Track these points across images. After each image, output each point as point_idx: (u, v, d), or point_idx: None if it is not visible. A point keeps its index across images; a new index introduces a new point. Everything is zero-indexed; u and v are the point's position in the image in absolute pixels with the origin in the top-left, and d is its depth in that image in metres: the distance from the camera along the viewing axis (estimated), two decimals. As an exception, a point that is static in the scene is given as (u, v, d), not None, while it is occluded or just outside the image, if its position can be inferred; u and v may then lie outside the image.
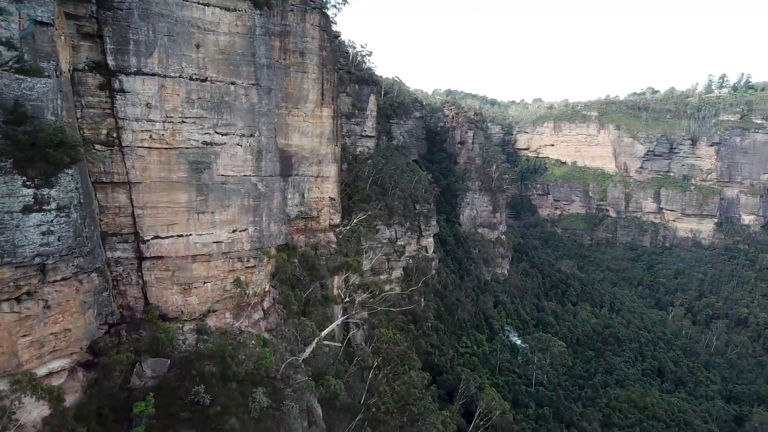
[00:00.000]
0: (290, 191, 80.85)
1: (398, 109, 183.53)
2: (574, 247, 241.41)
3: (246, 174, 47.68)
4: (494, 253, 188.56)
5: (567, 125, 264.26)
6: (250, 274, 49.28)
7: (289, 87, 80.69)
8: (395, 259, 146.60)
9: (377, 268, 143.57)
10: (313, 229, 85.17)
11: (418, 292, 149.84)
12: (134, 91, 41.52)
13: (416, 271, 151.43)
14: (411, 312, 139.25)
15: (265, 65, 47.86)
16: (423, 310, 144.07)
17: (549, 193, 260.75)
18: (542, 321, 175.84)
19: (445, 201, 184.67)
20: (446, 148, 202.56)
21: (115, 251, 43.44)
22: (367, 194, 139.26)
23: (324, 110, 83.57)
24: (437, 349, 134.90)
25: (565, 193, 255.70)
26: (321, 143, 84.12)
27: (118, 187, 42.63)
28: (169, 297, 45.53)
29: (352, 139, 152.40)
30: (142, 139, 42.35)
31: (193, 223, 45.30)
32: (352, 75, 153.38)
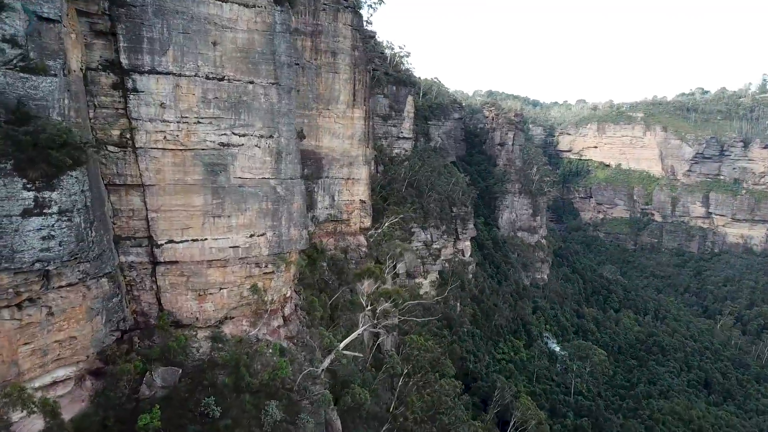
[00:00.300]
0: (320, 194, 79.10)
1: (436, 111, 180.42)
2: (617, 252, 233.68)
3: (264, 176, 45.66)
4: (534, 258, 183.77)
5: (611, 127, 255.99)
6: (268, 280, 47.26)
7: (320, 87, 78.96)
8: (430, 262, 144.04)
9: (412, 271, 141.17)
10: (343, 232, 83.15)
11: (453, 296, 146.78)
12: (148, 91, 39.93)
13: (452, 275, 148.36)
14: (446, 317, 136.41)
15: (286, 63, 45.74)
16: (459, 314, 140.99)
17: (592, 197, 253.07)
18: (582, 328, 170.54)
19: (484, 204, 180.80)
20: (485, 149, 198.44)
21: (129, 255, 41.97)
22: (403, 196, 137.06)
23: (355, 111, 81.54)
24: (472, 355, 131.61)
25: (609, 197, 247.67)
26: (352, 145, 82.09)
27: (131, 189, 41.14)
28: (184, 303, 43.84)
29: (388, 141, 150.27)
30: (156, 140, 40.74)
31: (209, 227, 43.49)
32: (389, 76, 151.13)
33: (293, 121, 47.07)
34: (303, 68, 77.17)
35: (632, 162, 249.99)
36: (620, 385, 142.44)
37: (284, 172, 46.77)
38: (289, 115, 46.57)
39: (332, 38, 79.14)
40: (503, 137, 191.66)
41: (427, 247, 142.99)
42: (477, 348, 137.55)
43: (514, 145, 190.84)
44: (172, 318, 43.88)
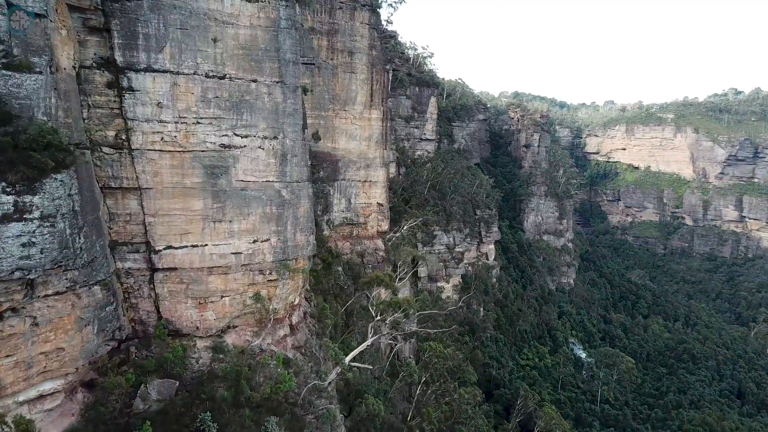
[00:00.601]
0: (336, 196, 76.82)
1: (460, 112, 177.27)
2: (646, 256, 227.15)
3: (268, 179, 43.28)
4: (560, 262, 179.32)
5: (640, 128, 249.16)
6: (273, 288, 44.85)
7: (336, 88, 76.65)
8: (453, 266, 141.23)
9: (434, 275, 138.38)
10: (360, 235, 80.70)
11: (476, 300, 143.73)
12: (144, 90, 37.84)
13: (475, 279, 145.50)
14: (469, 321, 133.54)
15: (291, 61, 43.28)
16: (482, 319, 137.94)
17: (620, 199, 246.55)
18: (609, 334, 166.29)
19: (508, 206, 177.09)
20: (510, 151, 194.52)
21: (126, 262, 39.93)
22: (425, 198, 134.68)
23: (373, 112, 79.05)
24: (496, 361, 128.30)
25: (638, 200, 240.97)
26: (369, 147, 79.64)
27: (128, 192, 39.10)
28: (183, 312, 41.67)
29: (410, 143, 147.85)
30: (152, 141, 38.64)
31: (209, 232, 41.25)
32: (412, 77, 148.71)
33: (299, 121, 44.56)
34: (319, 68, 74.97)
35: (662, 164, 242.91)
36: (649, 394, 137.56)
37: (290, 174, 44.33)
38: (295, 116, 44.08)
39: (349, 37, 76.75)
40: (529, 139, 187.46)
41: (449, 251, 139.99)
42: (500, 354, 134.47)
43: (540, 147, 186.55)
44: (171, 327, 41.77)
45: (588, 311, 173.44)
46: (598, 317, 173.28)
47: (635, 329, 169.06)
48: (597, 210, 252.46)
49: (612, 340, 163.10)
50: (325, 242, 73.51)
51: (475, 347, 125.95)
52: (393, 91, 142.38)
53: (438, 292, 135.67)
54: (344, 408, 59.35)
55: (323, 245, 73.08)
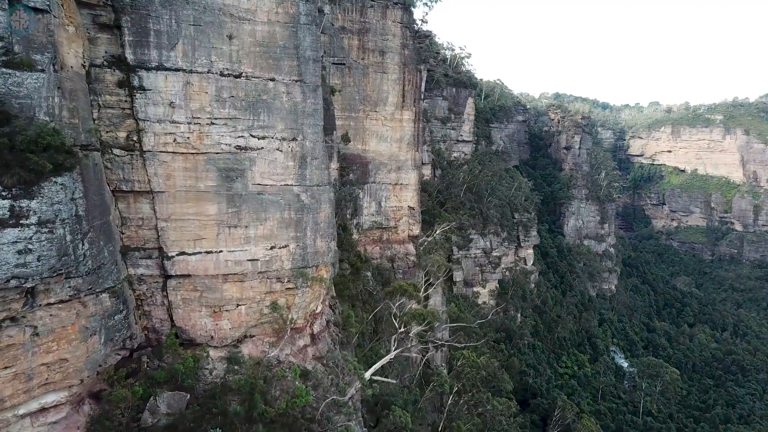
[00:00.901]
0: (366, 199, 74.46)
1: (499, 113, 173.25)
2: (693, 262, 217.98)
3: (287, 183, 40.99)
4: (601, 267, 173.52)
5: (687, 130, 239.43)
6: (291, 297, 42.54)
7: (367, 88, 74.29)
8: (490, 270, 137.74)
9: (470, 279, 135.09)
10: (390, 240, 78.09)
11: (514, 306, 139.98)
12: (155, 89, 35.98)
13: (513, 285, 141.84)
14: (505, 328, 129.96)
15: (311, 59, 40.91)
16: (519, 326, 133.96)
17: (665, 203, 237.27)
18: (653, 343, 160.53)
19: (548, 210, 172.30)
20: (550, 153, 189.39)
21: (138, 268, 38.18)
22: (461, 201, 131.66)
23: (405, 113, 76.43)
24: (533, 369, 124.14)
25: (683, 204, 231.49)
26: (400, 149, 77.02)
27: (140, 196, 37.32)
28: (197, 320, 39.71)
29: (447, 144, 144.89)
30: (165, 142, 36.76)
31: (224, 238, 39.18)
32: (449, 78, 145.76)
33: (320, 122, 42.14)
34: (349, 68, 72.77)
35: (710, 167, 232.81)
36: (694, 407, 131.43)
37: (309, 178, 41.95)
38: (315, 116, 41.68)
39: (380, 36, 74.30)
40: (569, 141, 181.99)
41: (486, 255, 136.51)
42: (538, 361, 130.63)
43: (581, 149, 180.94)
44: (185, 336, 39.86)
45: (630, 319, 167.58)
46: (640, 325, 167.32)
47: (680, 338, 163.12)
48: (640, 214, 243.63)
49: (655, 350, 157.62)
50: (354, 246, 71.17)
51: (511, 354, 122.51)
52: (429, 92, 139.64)
53: (473, 298, 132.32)
54: (371, 419, 56.81)
55: (352, 249, 70.82)
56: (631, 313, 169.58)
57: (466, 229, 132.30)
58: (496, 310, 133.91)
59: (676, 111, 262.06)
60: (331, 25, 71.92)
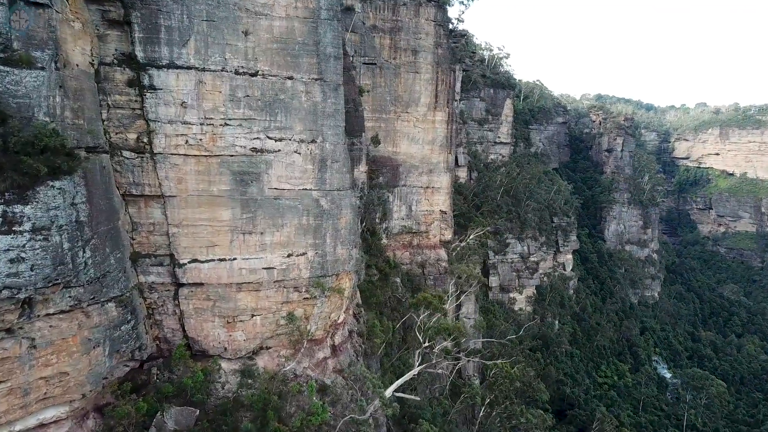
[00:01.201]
0: (396, 203, 71.61)
1: (538, 114, 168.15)
2: (741, 269, 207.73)
3: (305, 187, 38.52)
4: (643, 274, 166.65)
5: (736, 132, 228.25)
6: (310, 307, 40.07)
7: (398, 89, 71.34)
8: (527, 276, 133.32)
9: (506, 285, 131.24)
10: (421, 245, 75.03)
11: (551, 313, 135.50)
12: (167, 88, 33.94)
13: (551, 291, 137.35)
14: (542, 335, 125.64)
15: (332, 56, 38.32)
16: (557, 333, 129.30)
17: (711, 208, 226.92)
18: (698, 353, 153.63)
19: (588, 214, 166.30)
20: (591, 156, 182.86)
21: (149, 275, 36.23)
22: (497, 205, 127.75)
23: (437, 114, 73.22)
24: (570, 379, 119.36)
25: (732, 208, 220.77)
26: (432, 151, 73.80)
27: (151, 200, 35.35)
28: (210, 331, 37.57)
29: (483, 146, 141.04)
30: (176, 144, 34.70)
31: (238, 245, 36.93)
32: (486, 78, 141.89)
33: (341, 123, 39.54)
34: (380, 68, 70.02)
35: (760, 171, 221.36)
36: (742, 421, 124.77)
37: (329, 182, 39.39)
38: (336, 117, 39.10)
39: (413, 35, 71.29)
40: (611, 143, 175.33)
41: (523, 260, 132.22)
42: (576, 370, 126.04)
43: (624, 152, 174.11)
44: (197, 347, 37.78)
45: (674, 328, 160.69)
46: (685, 334, 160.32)
47: (727, 349, 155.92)
48: (686, 219, 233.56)
49: (700, 360, 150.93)
50: (383, 251, 68.38)
51: (548, 363, 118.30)
52: (466, 93, 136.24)
53: (510, 304, 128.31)
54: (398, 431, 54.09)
55: (381, 254, 68.06)
56: (674, 322, 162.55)
57: (503, 233, 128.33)
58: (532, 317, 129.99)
59: (724, 112, 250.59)
60: (362, 23, 69.36)
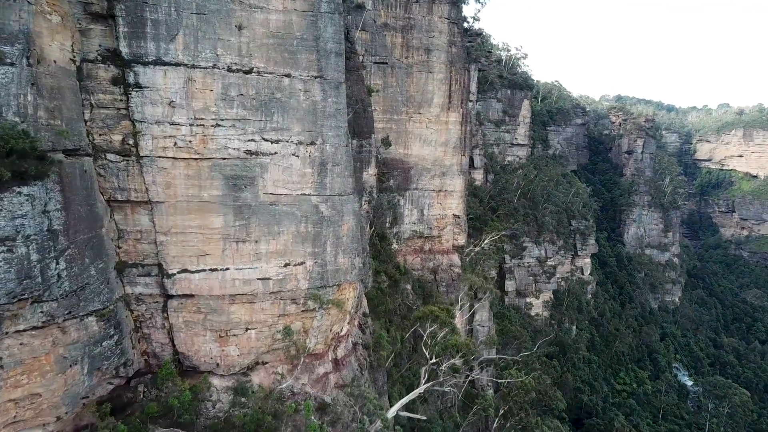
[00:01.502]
0: (407, 207, 68.67)
1: (556, 116, 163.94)
2: (765, 273, 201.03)
3: (304, 192, 35.67)
4: (663, 278, 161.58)
5: (761, 133, 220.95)
6: (309, 320, 37.27)
7: (410, 89, 68.39)
8: (544, 280, 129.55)
9: (522, 289, 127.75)
10: (433, 250, 71.96)
11: (569, 318, 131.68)
12: (153, 86, 31.32)
13: (568, 295, 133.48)
14: (559, 341, 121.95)
15: (333, 52, 35.45)
16: (574, 339, 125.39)
17: (734, 211, 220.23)
18: (720, 360, 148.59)
19: (607, 217, 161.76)
20: (611, 158, 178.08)
21: (136, 286, 33.66)
22: (514, 207, 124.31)
23: (450, 115, 70.15)
24: (588, 386, 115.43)
25: (755, 211, 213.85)
26: (445, 153, 70.76)
27: (137, 206, 32.77)
28: (201, 345, 34.92)
29: (500, 148, 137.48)
30: (164, 147, 32.07)
31: (231, 254, 34.22)
32: (503, 79, 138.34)
33: (343, 124, 36.66)
34: (392, 67, 67.15)
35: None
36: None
37: (330, 187, 36.51)
38: (338, 117, 36.23)
39: (426, 33, 68.29)
40: (631, 144, 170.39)
41: (540, 264, 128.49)
42: (594, 377, 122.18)
43: (644, 153, 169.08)
44: (188, 363, 35.17)
45: (695, 334, 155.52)
46: (706, 341, 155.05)
47: (750, 356, 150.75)
48: (707, 222, 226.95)
49: (723, 368, 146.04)
50: (393, 257, 65.49)
51: (565, 370, 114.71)
52: (482, 94, 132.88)
53: (526, 309, 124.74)
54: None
55: (390, 260, 65.19)
56: (696, 328, 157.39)
57: (520, 236, 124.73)
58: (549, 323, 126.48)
59: (748, 113, 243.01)
60: (373, 21, 66.53)
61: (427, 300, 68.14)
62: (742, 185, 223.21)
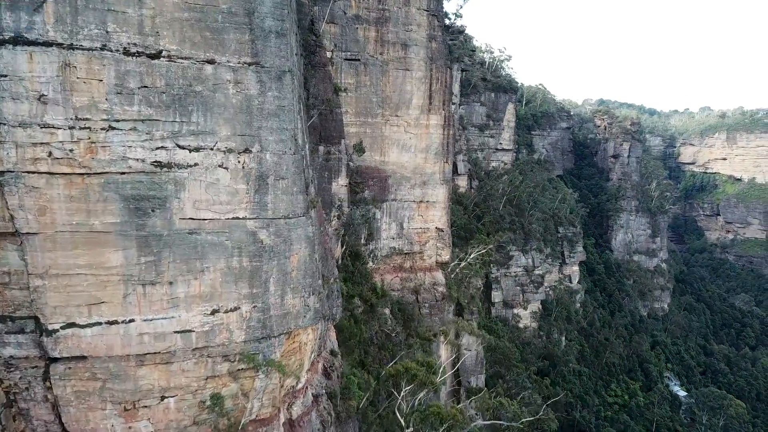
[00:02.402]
0: (384, 220, 59.52)
1: (541, 119, 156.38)
2: (751, 278, 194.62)
3: (237, 216, 26.31)
4: (652, 285, 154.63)
5: (744, 136, 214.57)
6: (249, 380, 27.87)
7: (386, 88, 59.16)
8: (531, 290, 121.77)
9: (510, 300, 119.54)
10: (415, 267, 62.86)
11: (558, 329, 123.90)
12: (14, 73, 21.89)
13: (557, 305, 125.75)
14: (548, 354, 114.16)
15: (274, 32, 26.14)
16: (563, 351, 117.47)
17: (719, 214, 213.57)
18: (711, 368, 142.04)
19: (594, 223, 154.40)
20: (596, 162, 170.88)
21: (5, 347, 24.13)
22: (500, 215, 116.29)
23: (432, 117, 61.12)
24: (579, 400, 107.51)
25: (740, 214, 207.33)
26: (426, 160, 61.69)
27: (2, 240, 23.34)
28: (100, 422, 25.39)
29: (484, 153, 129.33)
30: (34, 158, 22.60)
31: (136, 300, 24.76)
32: (487, 82, 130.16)
33: (290, 125, 27.25)
34: (365, 65, 58.17)
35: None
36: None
37: (273, 207, 27.14)
38: (282, 117, 26.85)
39: (403, 27, 59.39)
40: (617, 148, 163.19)
41: (527, 273, 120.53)
42: (585, 390, 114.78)
43: (630, 158, 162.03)
44: (82, 445, 25.66)
45: (685, 341, 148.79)
46: (697, 348, 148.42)
47: (741, 363, 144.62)
48: (692, 226, 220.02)
49: (714, 376, 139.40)
50: (369, 278, 56.28)
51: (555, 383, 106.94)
52: (466, 98, 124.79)
53: (514, 321, 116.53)
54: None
55: (366, 282, 55.97)
56: (686, 335, 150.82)
57: (506, 245, 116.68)
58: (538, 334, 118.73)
59: (731, 116, 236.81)
60: (343, 13, 57.54)
61: (408, 325, 59.02)
62: (726, 188, 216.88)
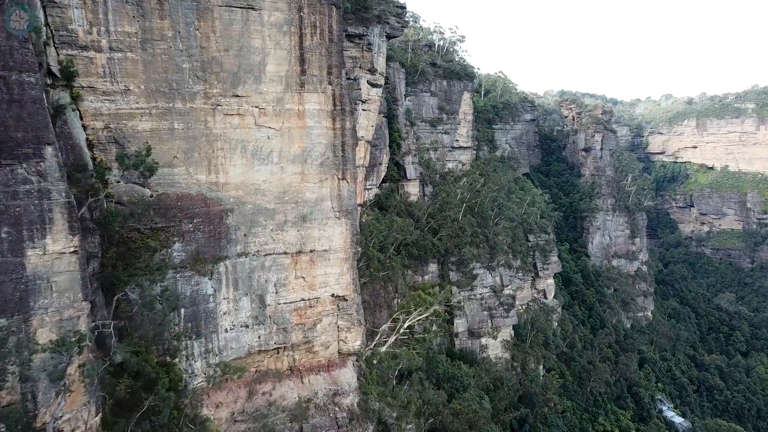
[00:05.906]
0: (226, 295, 28.74)
1: (503, 111, 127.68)
2: (730, 271, 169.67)
3: None
4: (634, 292, 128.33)
5: (714, 122, 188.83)
6: None
7: (210, 45, 28.23)
8: (501, 314, 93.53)
9: (475, 328, 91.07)
10: (297, 369, 32.39)
11: (534, 358, 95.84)
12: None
13: (531, 328, 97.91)
14: (525, 394, 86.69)
15: None
16: (542, 385, 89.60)
17: (693, 206, 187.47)
18: (705, 383, 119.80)
19: (568, 226, 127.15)
20: (566, 157, 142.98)
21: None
22: (459, 227, 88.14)
23: (307, 98, 30.42)
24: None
25: (715, 205, 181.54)
26: (305, 175, 30.87)
27: None
28: None
29: (439, 153, 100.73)
30: None
31: None
32: (438, 68, 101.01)
33: None
34: (161, 1, 27.36)
35: (743, 163, 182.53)
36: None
37: None
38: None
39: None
40: (588, 141, 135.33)
41: (496, 294, 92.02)
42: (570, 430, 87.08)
43: (603, 150, 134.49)
44: None
45: (674, 353, 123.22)
46: (687, 361, 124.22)
47: (735, 374, 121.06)
48: (665, 219, 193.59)
49: (710, 393, 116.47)
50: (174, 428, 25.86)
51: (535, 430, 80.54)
52: (413, 87, 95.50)
53: (482, 353, 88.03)
54: None
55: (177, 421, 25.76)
56: (673, 345, 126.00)
57: (469, 262, 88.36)
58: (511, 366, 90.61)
59: (698, 102, 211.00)
60: None
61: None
62: (698, 178, 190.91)
